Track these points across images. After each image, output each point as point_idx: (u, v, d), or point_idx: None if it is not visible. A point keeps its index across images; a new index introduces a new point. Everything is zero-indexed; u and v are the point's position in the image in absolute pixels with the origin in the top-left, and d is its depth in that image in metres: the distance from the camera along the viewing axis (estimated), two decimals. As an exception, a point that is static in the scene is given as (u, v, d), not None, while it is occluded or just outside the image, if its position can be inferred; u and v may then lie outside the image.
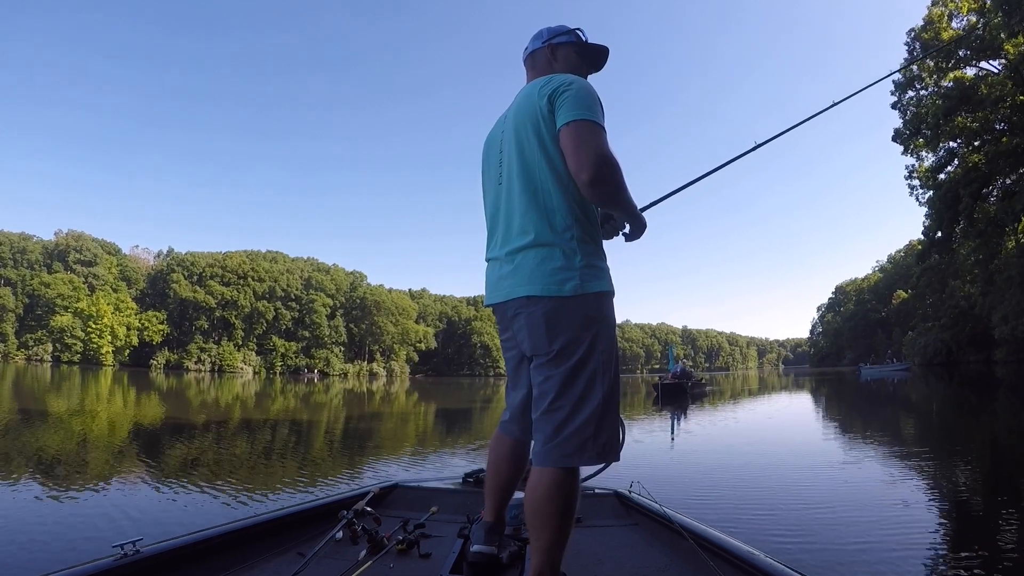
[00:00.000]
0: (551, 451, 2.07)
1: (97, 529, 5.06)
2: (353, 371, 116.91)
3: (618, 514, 3.48)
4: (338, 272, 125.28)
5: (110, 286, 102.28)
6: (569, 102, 2.12)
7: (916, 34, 36.74)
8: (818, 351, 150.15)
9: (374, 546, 2.68)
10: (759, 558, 2.29)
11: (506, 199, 2.32)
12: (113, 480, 7.31)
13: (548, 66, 2.50)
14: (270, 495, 6.66)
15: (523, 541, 2.66)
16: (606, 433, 2.09)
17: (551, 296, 2.12)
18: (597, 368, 2.11)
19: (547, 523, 2.03)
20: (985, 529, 5.23)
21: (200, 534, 2.52)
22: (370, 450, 11.03)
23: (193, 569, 2.37)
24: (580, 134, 2.07)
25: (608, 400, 2.11)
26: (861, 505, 6.04)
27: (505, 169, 2.35)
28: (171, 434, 12.54)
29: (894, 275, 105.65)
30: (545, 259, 2.15)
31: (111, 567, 2.06)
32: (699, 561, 2.47)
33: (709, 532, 2.66)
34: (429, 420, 19.06)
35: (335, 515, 2.92)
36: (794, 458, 9.31)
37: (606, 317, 2.17)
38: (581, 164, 2.03)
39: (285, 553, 2.72)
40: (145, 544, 2.22)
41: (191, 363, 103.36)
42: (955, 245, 38.43)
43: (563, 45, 2.51)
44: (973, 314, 56.08)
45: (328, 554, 2.63)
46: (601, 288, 2.16)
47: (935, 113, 33.87)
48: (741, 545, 2.46)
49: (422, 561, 2.63)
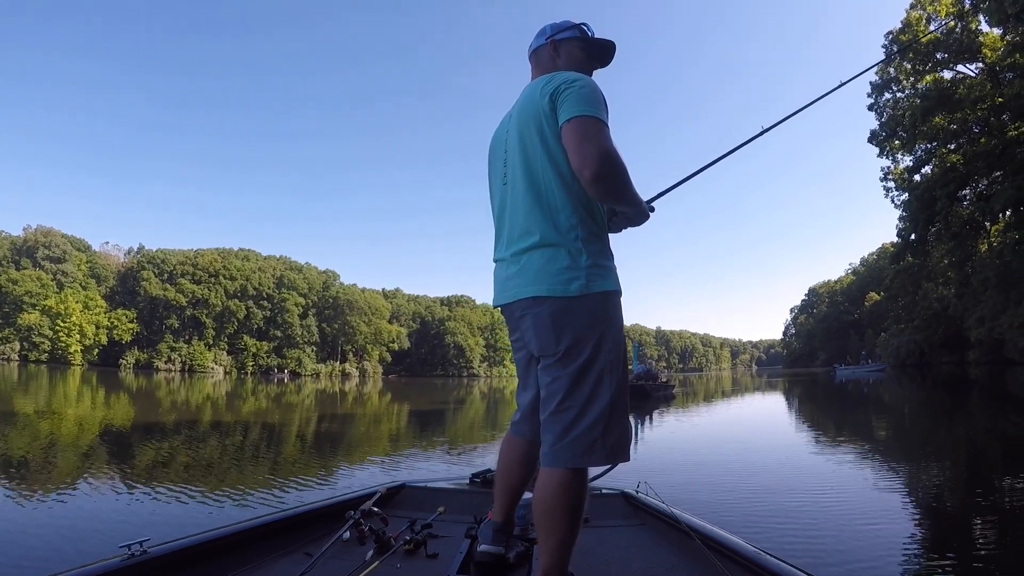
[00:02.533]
0: (560, 452, 2.07)
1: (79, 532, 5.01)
2: (325, 371, 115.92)
3: (625, 514, 3.48)
4: (311, 271, 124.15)
5: (79, 283, 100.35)
6: (571, 99, 2.11)
7: (894, 36, 36.84)
8: (791, 352, 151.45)
9: (381, 546, 2.67)
10: (766, 558, 2.30)
11: (511, 200, 2.32)
12: (81, 485, 6.97)
13: (552, 63, 2.48)
14: (246, 501, 6.38)
15: (530, 541, 2.67)
16: (615, 434, 2.09)
17: (557, 296, 2.11)
18: (604, 368, 2.10)
19: (555, 524, 2.05)
20: (988, 527, 5.28)
21: (207, 534, 2.52)
22: (343, 454, 10.69)
23: (201, 569, 2.37)
24: (582, 131, 2.05)
25: (616, 400, 2.10)
26: (850, 500, 6.23)
27: (509, 169, 2.35)
28: (141, 437, 12.19)
29: (867, 277, 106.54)
30: (551, 259, 2.15)
31: (119, 567, 2.07)
32: (707, 561, 2.47)
33: (716, 532, 2.67)
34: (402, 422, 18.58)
35: (342, 515, 2.89)
36: (783, 464, 9.03)
37: (612, 317, 2.17)
38: (584, 161, 2.01)
39: (292, 553, 2.72)
40: (152, 544, 2.23)
41: (161, 363, 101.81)
42: (930, 247, 38.58)
43: (566, 41, 2.49)
44: (946, 316, 56.74)
45: (335, 554, 2.60)
46: (607, 287, 2.15)
47: (913, 113, 33.97)
48: (748, 545, 2.47)
49: (429, 561, 2.64)
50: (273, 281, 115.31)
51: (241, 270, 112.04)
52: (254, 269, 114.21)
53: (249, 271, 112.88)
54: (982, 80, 33.04)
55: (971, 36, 33.07)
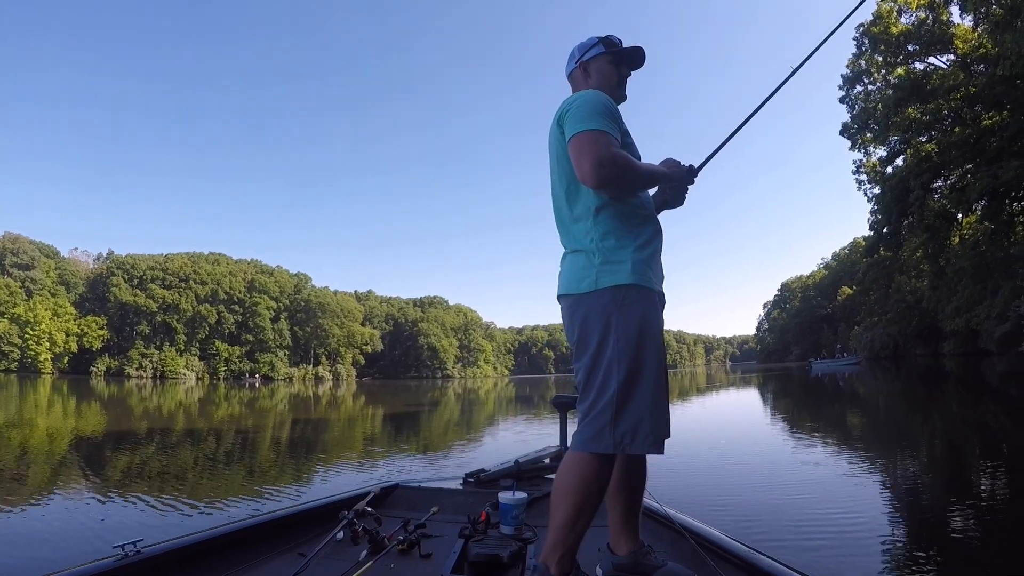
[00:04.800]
0: (575, 436, 2.23)
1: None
2: (299, 375, 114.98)
3: None
4: (282, 274, 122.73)
5: (48, 290, 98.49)
6: (569, 120, 2.30)
7: (865, 29, 36.79)
8: (765, 347, 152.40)
9: (375, 546, 2.69)
10: (759, 557, 2.33)
11: (554, 209, 2.55)
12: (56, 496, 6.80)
13: (584, 83, 2.60)
14: (233, 505, 6.37)
15: (524, 541, 2.72)
16: (626, 424, 2.14)
17: (571, 294, 2.33)
18: (613, 358, 2.18)
19: (562, 503, 2.16)
20: (970, 518, 5.25)
21: (201, 534, 2.53)
22: (320, 459, 10.28)
23: (194, 569, 2.37)
24: (577, 148, 2.23)
25: (625, 390, 2.15)
26: (835, 494, 6.23)
27: (551, 182, 2.57)
28: (119, 445, 11.97)
29: (839, 272, 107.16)
30: (573, 263, 2.37)
31: (112, 567, 2.07)
32: (700, 561, 2.47)
33: (710, 532, 2.70)
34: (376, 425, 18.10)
35: (336, 515, 2.94)
36: (769, 460, 8.91)
37: (623, 308, 2.22)
38: (584, 175, 2.22)
39: (286, 553, 2.72)
40: (146, 545, 2.23)
41: (132, 369, 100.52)
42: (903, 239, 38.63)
43: (594, 59, 2.60)
44: (920, 308, 57.09)
45: (329, 554, 2.64)
46: (616, 282, 2.23)
47: (886, 104, 33.99)
48: (741, 544, 2.50)
49: (423, 561, 2.65)
50: (244, 285, 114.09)
51: (212, 274, 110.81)
52: (225, 273, 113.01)
53: (220, 275, 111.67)
54: (955, 70, 33.08)
55: (943, 27, 33.10)
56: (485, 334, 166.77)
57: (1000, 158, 27.27)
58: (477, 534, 2.87)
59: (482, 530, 2.96)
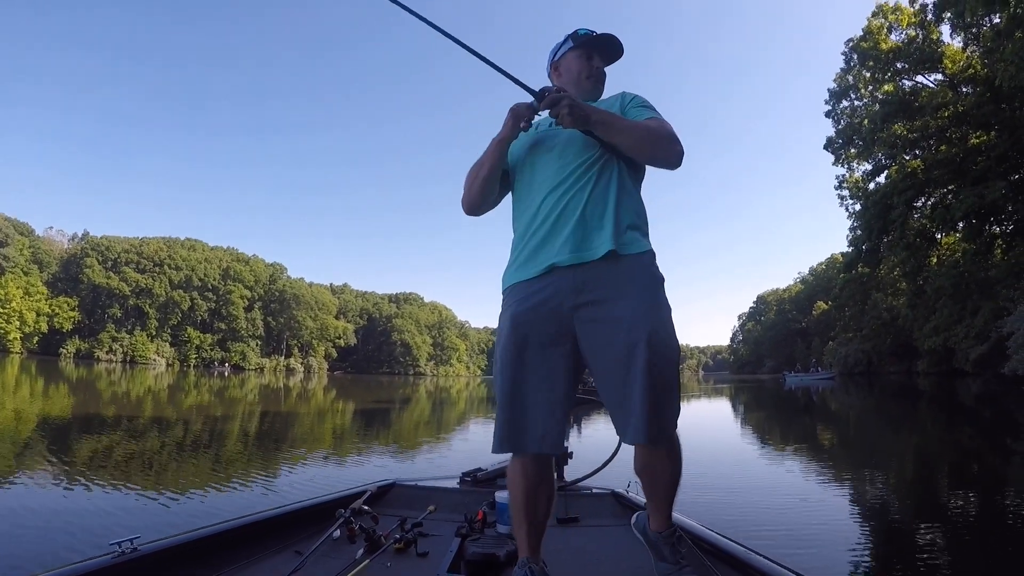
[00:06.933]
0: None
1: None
2: (270, 366, 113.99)
3: (616, 513, 3.45)
4: (258, 263, 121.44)
5: (20, 269, 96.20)
6: None
7: (855, 44, 36.86)
8: (738, 359, 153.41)
9: (372, 545, 2.67)
10: (756, 558, 2.32)
11: None
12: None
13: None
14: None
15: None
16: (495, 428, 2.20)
17: None
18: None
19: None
20: (949, 527, 5.45)
21: (197, 532, 2.51)
22: (286, 456, 9.88)
23: (190, 567, 2.36)
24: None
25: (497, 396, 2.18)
26: (819, 501, 6.45)
27: None
28: (81, 431, 11.48)
29: (815, 286, 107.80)
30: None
31: (108, 565, 2.06)
32: (696, 561, 2.42)
33: (706, 532, 2.69)
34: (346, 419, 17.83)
35: (332, 514, 2.91)
36: (751, 465, 9.15)
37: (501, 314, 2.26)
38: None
39: (282, 551, 2.70)
40: (142, 542, 2.21)
41: (102, 353, 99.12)
42: (882, 256, 38.69)
43: (562, 59, 2.49)
44: (895, 326, 57.48)
45: (326, 553, 2.62)
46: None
47: (872, 119, 34.06)
48: (737, 545, 2.49)
49: (420, 560, 2.64)
50: (219, 272, 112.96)
51: (187, 260, 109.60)
52: (200, 260, 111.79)
53: (195, 261, 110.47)
54: (943, 89, 33.18)
55: (932, 46, 33.20)
56: (459, 333, 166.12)
57: (986, 178, 27.40)
58: (474, 533, 2.88)
59: (479, 529, 2.97)
